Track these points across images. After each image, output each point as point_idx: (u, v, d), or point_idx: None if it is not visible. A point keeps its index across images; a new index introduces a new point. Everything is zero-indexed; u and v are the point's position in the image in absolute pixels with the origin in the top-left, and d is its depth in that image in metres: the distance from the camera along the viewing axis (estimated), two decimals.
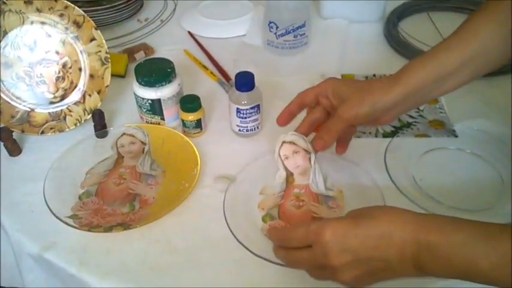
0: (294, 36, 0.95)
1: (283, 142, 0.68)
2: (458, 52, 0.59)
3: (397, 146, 0.74)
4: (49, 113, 0.79)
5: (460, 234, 0.45)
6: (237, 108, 0.75)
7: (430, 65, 0.60)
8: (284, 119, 0.69)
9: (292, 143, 0.67)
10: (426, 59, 0.60)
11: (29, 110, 0.78)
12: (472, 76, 0.61)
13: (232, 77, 0.83)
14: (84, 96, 0.79)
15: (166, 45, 1.02)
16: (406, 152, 0.74)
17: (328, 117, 0.66)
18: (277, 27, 0.94)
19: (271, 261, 0.57)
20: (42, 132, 0.78)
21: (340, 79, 0.66)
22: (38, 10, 0.75)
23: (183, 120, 0.78)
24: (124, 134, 0.78)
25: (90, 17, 0.77)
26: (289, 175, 0.69)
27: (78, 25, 0.77)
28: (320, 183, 0.68)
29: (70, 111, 0.79)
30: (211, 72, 0.94)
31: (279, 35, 0.95)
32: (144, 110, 0.78)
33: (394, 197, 0.67)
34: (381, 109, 0.61)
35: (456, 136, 0.77)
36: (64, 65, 0.78)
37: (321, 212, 0.65)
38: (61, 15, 0.76)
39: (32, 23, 0.76)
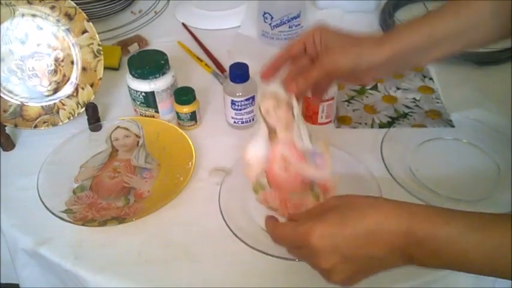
0: (289, 27, 0.94)
1: (264, 95, 0.61)
2: (451, 20, 0.57)
3: (393, 137, 0.74)
4: (42, 106, 0.78)
5: (449, 227, 0.44)
6: (232, 100, 0.74)
7: (421, 29, 0.58)
8: (269, 72, 0.62)
9: (274, 95, 0.61)
10: (418, 23, 0.59)
11: (22, 103, 0.77)
12: (461, 47, 0.59)
13: (227, 68, 0.83)
14: (77, 90, 0.78)
15: (160, 37, 1.01)
16: (403, 143, 0.74)
17: None
18: (271, 18, 0.93)
19: (267, 254, 0.56)
20: (36, 127, 0.77)
21: (330, 27, 0.61)
22: (29, 2, 0.74)
23: (177, 113, 0.77)
24: (118, 127, 0.77)
25: (83, 10, 0.76)
26: (272, 131, 0.62)
27: (69, 17, 0.76)
28: (305, 138, 0.62)
29: (63, 104, 0.78)
30: (206, 64, 0.93)
31: (273, 26, 0.94)
32: (138, 103, 0.77)
33: (391, 188, 0.66)
34: (365, 66, 0.58)
35: (453, 126, 0.77)
36: (56, 58, 0.77)
37: (309, 172, 0.61)
38: (52, 8, 0.75)
39: (22, 15, 0.75)
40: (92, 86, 0.78)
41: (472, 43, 0.59)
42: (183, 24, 1.05)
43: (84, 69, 0.77)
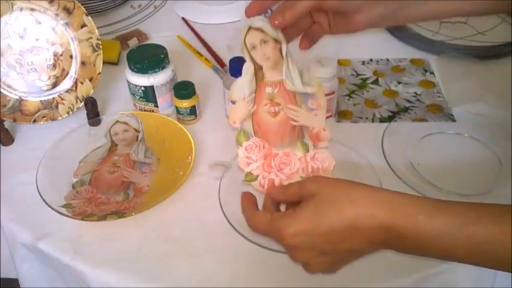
0: None
1: (250, 28, 0.56)
2: None
3: (394, 131, 0.73)
4: (41, 101, 0.77)
5: (432, 226, 0.42)
6: None
7: None
8: (255, 8, 0.56)
9: (259, 29, 0.56)
10: None
11: (20, 98, 0.77)
12: (456, 11, 0.58)
13: (227, 63, 0.82)
14: (76, 84, 0.77)
15: (160, 32, 1.00)
16: (404, 137, 0.74)
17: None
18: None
19: (266, 248, 0.56)
20: (35, 121, 0.77)
21: None
22: None
23: (177, 107, 0.76)
24: (117, 121, 0.76)
25: (82, 4, 0.76)
26: (258, 69, 0.58)
27: (68, 11, 0.75)
28: (296, 78, 0.57)
29: (62, 99, 0.77)
30: (206, 59, 0.92)
31: None
32: (137, 98, 0.77)
33: (392, 181, 0.66)
34: (355, 3, 0.55)
35: (454, 120, 0.77)
36: (55, 53, 0.76)
37: (301, 117, 0.58)
38: (51, 2, 0.74)
39: (21, 9, 0.74)
40: (91, 80, 0.77)
41: (471, 10, 0.58)
42: (183, 19, 1.04)
43: (83, 63, 0.77)
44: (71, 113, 0.77)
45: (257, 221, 0.50)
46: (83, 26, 0.76)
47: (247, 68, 0.58)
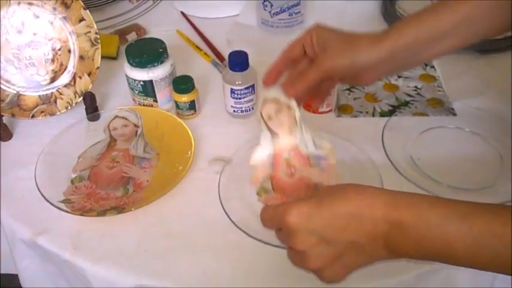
0: (289, 15, 0.93)
1: (265, 100, 0.61)
2: (451, 14, 0.56)
3: (394, 126, 0.73)
4: (39, 96, 0.77)
5: (434, 213, 0.42)
6: (231, 89, 0.73)
7: (421, 24, 0.56)
8: (271, 78, 0.61)
9: (274, 100, 0.60)
10: (416, 19, 0.57)
11: (19, 93, 0.76)
12: (462, 42, 0.58)
13: (226, 57, 0.82)
14: (74, 79, 0.77)
15: (159, 26, 1.00)
16: (404, 131, 0.73)
17: None
18: (271, 6, 0.91)
19: (267, 243, 0.56)
20: (33, 116, 0.76)
21: (327, 27, 0.60)
22: None
23: (176, 102, 0.76)
24: (116, 116, 0.76)
25: None
26: (275, 136, 0.63)
27: (66, 5, 0.75)
28: (309, 142, 0.62)
29: (60, 94, 0.77)
30: (205, 53, 0.92)
31: (273, 14, 0.93)
32: (136, 92, 0.76)
33: (392, 176, 0.66)
34: (363, 64, 0.57)
35: (455, 114, 0.76)
36: (53, 47, 0.76)
37: (314, 176, 0.63)
38: None
39: (18, 3, 0.74)
40: (89, 75, 0.77)
41: (474, 36, 0.58)
42: (182, 13, 1.04)
43: (81, 58, 0.76)
44: (69, 108, 0.77)
45: (265, 211, 0.50)
46: (81, 20, 0.75)
47: (265, 136, 0.63)
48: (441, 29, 0.56)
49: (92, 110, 0.76)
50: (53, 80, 0.77)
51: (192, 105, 0.76)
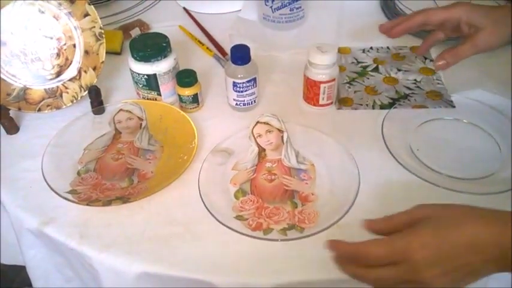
0: (290, 10, 0.94)
1: (258, 122, 0.70)
2: None
3: (394, 117, 0.74)
4: (45, 89, 0.78)
5: None
6: (234, 82, 0.75)
7: None
8: (399, 31, 0.73)
9: (266, 123, 0.70)
10: None
11: (25, 87, 0.77)
12: None
13: (228, 52, 0.83)
14: (79, 73, 0.78)
15: (162, 22, 1.01)
16: (403, 123, 0.74)
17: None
18: (272, 1, 0.93)
19: (247, 235, 0.58)
20: (39, 110, 0.78)
21: (471, 5, 0.69)
22: None
23: (179, 95, 0.77)
24: (121, 110, 0.77)
25: None
26: (261, 151, 0.70)
27: (71, 1, 0.76)
28: (292, 158, 0.69)
29: (66, 88, 0.78)
30: (207, 48, 0.93)
31: (274, 9, 0.94)
32: (141, 86, 0.78)
33: (392, 168, 0.67)
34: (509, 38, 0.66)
35: (453, 106, 0.77)
36: (58, 42, 0.77)
37: (293, 184, 0.66)
38: None
39: None
40: (94, 69, 0.78)
41: None
42: (184, 9, 1.05)
43: (86, 52, 0.78)
44: (75, 101, 0.78)
45: (373, 249, 0.48)
46: (86, 15, 0.77)
47: (252, 150, 0.70)
48: None
49: (97, 103, 0.78)
50: (58, 74, 0.78)
51: (195, 99, 0.77)
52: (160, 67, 0.75)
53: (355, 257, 0.49)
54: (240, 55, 0.74)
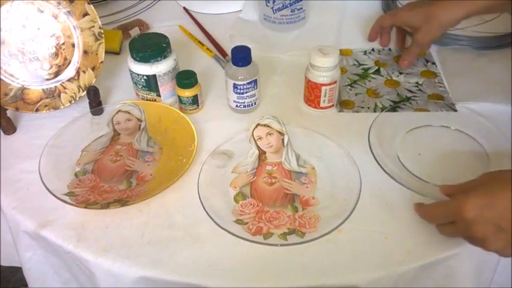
0: (291, 11, 0.93)
1: (258, 124, 0.69)
2: None
3: (382, 123, 0.73)
4: (43, 89, 0.77)
5: None
6: (234, 84, 0.74)
7: None
8: (373, 37, 0.87)
9: (266, 125, 0.69)
10: None
11: (23, 87, 0.77)
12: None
13: (229, 52, 0.82)
14: (78, 73, 0.77)
15: (162, 22, 1.00)
16: (390, 130, 0.73)
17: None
18: (273, 2, 0.92)
19: (247, 240, 0.58)
20: (37, 110, 0.77)
21: (407, 10, 0.79)
22: None
23: (179, 97, 0.77)
24: (120, 111, 0.77)
25: None
26: (262, 153, 0.69)
27: (70, 0, 0.75)
28: (293, 161, 0.68)
29: (64, 88, 0.77)
30: (208, 48, 0.92)
31: (275, 10, 0.93)
32: (140, 87, 0.77)
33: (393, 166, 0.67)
34: (448, 27, 0.77)
35: (455, 110, 0.77)
36: (57, 41, 0.76)
37: (293, 188, 0.65)
38: None
39: None
40: (93, 69, 0.77)
41: None
42: (184, 9, 1.04)
43: (85, 52, 0.77)
44: (73, 102, 0.77)
45: (434, 210, 0.57)
46: (85, 14, 0.76)
47: (252, 152, 0.69)
48: None
49: (96, 104, 0.77)
50: (56, 74, 0.77)
51: (194, 100, 0.77)
52: (160, 68, 0.75)
53: (428, 219, 0.59)
54: (241, 56, 0.73)
